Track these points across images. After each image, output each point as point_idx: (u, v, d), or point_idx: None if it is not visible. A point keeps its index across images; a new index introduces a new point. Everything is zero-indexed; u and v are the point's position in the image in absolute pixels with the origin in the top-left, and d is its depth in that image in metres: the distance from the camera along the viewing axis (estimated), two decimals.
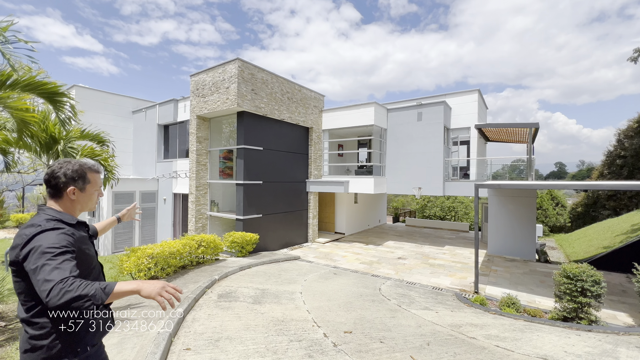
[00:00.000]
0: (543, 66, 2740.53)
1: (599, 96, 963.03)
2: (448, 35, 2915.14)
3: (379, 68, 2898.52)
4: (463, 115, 12.76)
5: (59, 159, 1.94)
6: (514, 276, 8.72)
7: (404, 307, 5.23)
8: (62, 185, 1.52)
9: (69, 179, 1.53)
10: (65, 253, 1.29)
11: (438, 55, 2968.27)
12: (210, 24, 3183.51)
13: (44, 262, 1.22)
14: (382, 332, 3.81)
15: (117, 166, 5.18)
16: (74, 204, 1.57)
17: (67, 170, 1.54)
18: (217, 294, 5.24)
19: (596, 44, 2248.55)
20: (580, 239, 12.58)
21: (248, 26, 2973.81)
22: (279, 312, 4.43)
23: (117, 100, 15.01)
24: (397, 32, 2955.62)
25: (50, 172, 1.54)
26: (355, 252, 11.41)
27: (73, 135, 4.53)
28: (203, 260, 7.78)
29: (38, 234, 1.33)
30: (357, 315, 4.49)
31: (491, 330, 4.07)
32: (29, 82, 3.01)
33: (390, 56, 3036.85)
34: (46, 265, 1.21)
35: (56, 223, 1.42)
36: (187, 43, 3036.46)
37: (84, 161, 1.67)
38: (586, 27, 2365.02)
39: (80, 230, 1.54)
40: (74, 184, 1.55)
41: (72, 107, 3.66)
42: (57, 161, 1.59)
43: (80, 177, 1.57)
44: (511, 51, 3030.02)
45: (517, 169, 20.25)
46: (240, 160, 10.12)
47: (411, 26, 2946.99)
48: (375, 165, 12.42)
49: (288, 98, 11.63)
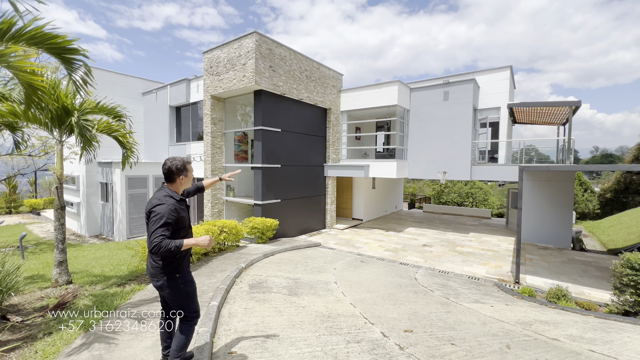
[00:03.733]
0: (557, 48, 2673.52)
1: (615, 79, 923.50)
2: (458, 17, 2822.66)
3: (386, 52, 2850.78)
4: (492, 94, 11.89)
5: (169, 157, 2.48)
6: (552, 265, 8.17)
7: (453, 300, 4.74)
8: (175, 174, 2.41)
9: (179, 170, 2.41)
10: (167, 224, 2.19)
11: (447, 38, 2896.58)
12: (213, 8, 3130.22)
13: (155, 226, 2.15)
14: (446, 331, 3.33)
15: (136, 143, 4.68)
16: (181, 185, 2.48)
17: (177, 165, 2.41)
18: (248, 283, 4.81)
19: (614, 24, 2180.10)
20: (615, 226, 11.87)
21: (251, 9, 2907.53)
22: (321, 306, 3.97)
23: (126, 81, 14.41)
24: (405, 13, 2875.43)
25: (168, 168, 2.40)
26: (377, 238, 10.94)
27: (87, 107, 4.00)
28: (225, 247, 7.38)
29: (158, 205, 2.23)
30: (408, 310, 4.01)
31: (569, 329, 3.56)
32: (36, 34, 2.46)
33: (397, 39, 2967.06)
34: (157, 228, 2.15)
35: (169, 198, 2.30)
36: (190, 28, 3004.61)
37: (184, 158, 2.50)
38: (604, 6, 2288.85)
39: (181, 203, 2.39)
40: (181, 174, 2.43)
41: (87, 68, 3.10)
42: (169, 158, 2.44)
43: (185, 169, 2.45)
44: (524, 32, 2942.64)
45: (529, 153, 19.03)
46: (258, 143, 9.56)
47: (419, 7, 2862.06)
48: (398, 148, 11.74)
49: (306, 76, 10.90)
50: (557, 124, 14.13)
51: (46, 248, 9.58)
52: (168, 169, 2.37)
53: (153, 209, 2.20)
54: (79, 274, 5.39)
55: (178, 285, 2.29)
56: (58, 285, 4.11)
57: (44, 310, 3.33)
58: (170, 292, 2.28)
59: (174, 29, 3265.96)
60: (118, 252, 8.30)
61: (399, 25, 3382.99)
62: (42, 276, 5.24)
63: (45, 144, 9.68)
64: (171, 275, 2.27)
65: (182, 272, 2.32)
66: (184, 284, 2.33)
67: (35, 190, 21.18)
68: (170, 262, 2.27)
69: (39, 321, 3.13)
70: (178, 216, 2.26)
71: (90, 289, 4.27)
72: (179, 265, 2.31)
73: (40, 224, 14.53)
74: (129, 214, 12.12)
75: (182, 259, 2.34)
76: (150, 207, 2.23)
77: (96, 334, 2.95)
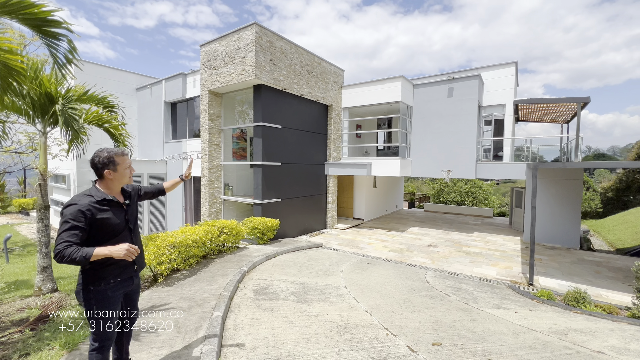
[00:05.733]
0: (550, 49, 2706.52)
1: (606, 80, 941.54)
2: (452, 17, 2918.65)
3: (381, 52, 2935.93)
4: (497, 91, 11.65)
5: (97, 149, 2.14)
6: (563, 266, 7.93)
7: (473, 305, 4.42)
8: (100, 169, 2.06)
9: (104, 164, 2.05)
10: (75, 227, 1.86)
11: (442, 39, 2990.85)
12: (207, 6, 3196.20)
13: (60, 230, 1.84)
14: (478, 343, 3.00)
15: (129, 136, 4.25)
16: (112, 181, 2.09)
17: (102, 158, 2.05)
18: (252, 289, 4.43)
19: (605, 25, 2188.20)
20: (619, 225, 11.70)
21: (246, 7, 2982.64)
22: (335, 314, 3.62)
23: (120, 75, 13.86)
24: (400, 13, 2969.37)
25: (91, 161, 2.07)
26: (380, 239, 10.62)
27: (74, 94, 3.57)
28: (224, 248, 6.98)
29: (68, 205, 1.91)
30: (429, 318, 3.67)
31: (609, 339, 3.27)
32: (7, 1, 2.05)
33: (392, 39, 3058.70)
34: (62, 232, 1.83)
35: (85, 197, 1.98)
36: (184, 26, 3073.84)
37: (116, 149, 2.13)
38: (596, 8, 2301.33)
39: (102, 204, 2.00)
40: (107, 168, 2.06)
41: (72, 45, 2.66)
42: (96, 151, 2.09)
43: (111, 161, 2.06)
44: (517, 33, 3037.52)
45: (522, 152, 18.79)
46: (258, 140, 9.15)
47: (414, 7, 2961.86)
48: (401, 145, 11.43)
49: (307, 71, 10.52)
50: (560, 122, 13.95)
51: (34, 250, 9.06)
52: (91, 162, 2.06)
53: (63, 209, 1.90)
54: (67, 279, 4.96)
55: (90, 300, 1.93)
56: (42, 293, 3.68)
57: (23, 325, 2.91)
58: (84, 305, 1.94)
59: (168, 27, 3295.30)
60: None
61: (394, 25, 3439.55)
62: (25, 282, 4.79)
63: (33, 140, 9.17)
64: (85, 287, 1.93)
65: (97, 285, 1.93)
66: (97, 302, 1.93)
67: (24, 189, 20.46)
68: (86, 271, 1.93)
69: (16, 338, 2.72)
70: (93, 219, 1.90)
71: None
72: (97, 277, 1.94)
73: (29, 225, 13.92)
74: None
75: (101, 269, 1.94)
76: (62, 207, 1.92)
77: (82, 355, 2.54)
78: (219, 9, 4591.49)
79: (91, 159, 2.05)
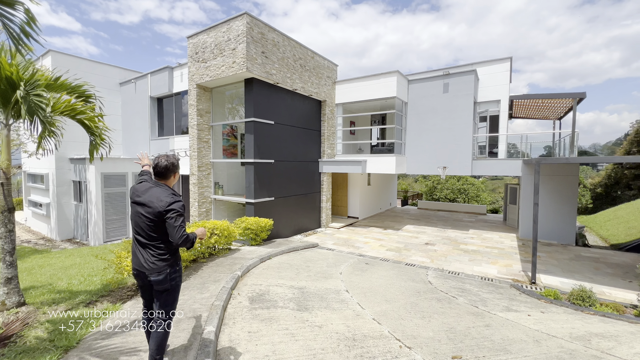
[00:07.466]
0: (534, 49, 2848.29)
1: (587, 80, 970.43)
2: (440, 16, 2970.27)
3: (370, 50, 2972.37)
4: (492, 87, 11.53)
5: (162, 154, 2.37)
6: (561, 263, 7.84)
7: (483, 309, 4.17)
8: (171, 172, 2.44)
9: (175, 167, 2.45)
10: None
11: (430, 37, 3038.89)
12: (194, 2, 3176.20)
13: (179, 221, 2.22)
14: (500, 354, 2.73)
15: (107, 129, 3.79)
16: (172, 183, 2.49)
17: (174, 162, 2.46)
18: (247, 296, 4.06)
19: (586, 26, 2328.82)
20: (611, 221, 11.80)
21: (234, 4, 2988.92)
22: (340, 324, 3.29)
23: (102, 70, 13.12)
24: (389, 12, 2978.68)
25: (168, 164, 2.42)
26: (376, 237, 10.37)
27: (40, 80, 3.09)
28: (215, 251, 6.56)
29: (176, 202, 2.27)
30: (441, 325, 3.39)
31: (635, 345, 3.06)
32: None
33: (381, 38, 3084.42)
34: (182, 222, 2.23)
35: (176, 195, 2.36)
36: (170, 22, 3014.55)
37: (173, 155, 2.50)
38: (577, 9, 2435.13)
39: None
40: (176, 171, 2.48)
41: (29, 15, 2.20)
42: (162, 156, 2.43)
43: (178, 166, 2.50)
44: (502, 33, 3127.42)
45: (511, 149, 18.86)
46: (249, 136, 8.73)
47: (402, 6, 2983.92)
48: (396, 142, 11.19)
49: (301, 65, 10.13)
50: (553, 119, 14.03)
51: None
52: (165, 167, 2.36)
53: (171, 206, 2.21)
54: (39, 289, 4.47)
55: (178, 278, 2.34)
56: (6, 308, 3.21)
57: None
58: (170, 284, 2.28)
59: (154, 23, 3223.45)
60: (91, 260, 7.30)
61: (382, 23, 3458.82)
62: None
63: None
64: (173, 268, 2.31)
65: (180, 265, 2.40)
66: (179, 276, 2.39)
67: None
68: (174, 254, 2.34)
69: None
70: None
71: (50, 310, 3.39)
72: (178, 259, 2.40)
73: None
74: (106, 215, 11.00)
75: (178, 253, 2.43)
76: (166, 205, 2.22)
77: None
78: (206, 5, 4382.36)
79: (165, 164, 2.35)
